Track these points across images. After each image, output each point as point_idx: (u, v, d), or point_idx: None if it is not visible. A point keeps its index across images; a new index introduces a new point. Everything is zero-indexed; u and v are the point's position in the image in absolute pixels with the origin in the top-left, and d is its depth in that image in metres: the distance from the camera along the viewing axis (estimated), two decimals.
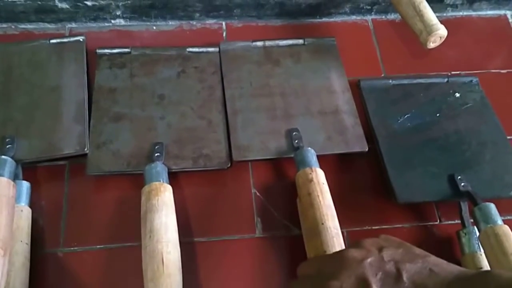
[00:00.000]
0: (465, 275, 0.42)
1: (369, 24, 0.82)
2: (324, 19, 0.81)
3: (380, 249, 0.44)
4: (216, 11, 0.78)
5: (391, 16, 0.82)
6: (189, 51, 0.74)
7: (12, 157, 0.59)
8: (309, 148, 0.63)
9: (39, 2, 0.72)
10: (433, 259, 0.43)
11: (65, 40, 0.72)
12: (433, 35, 0.66)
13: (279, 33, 0.79)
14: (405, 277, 0.42)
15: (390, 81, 0.74)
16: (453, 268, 0.43)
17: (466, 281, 0.41)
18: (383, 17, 0.82)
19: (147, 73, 0.71)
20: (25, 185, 0.60)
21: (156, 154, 0.62)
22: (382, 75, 0.76)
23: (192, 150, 0.65)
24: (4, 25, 0.75)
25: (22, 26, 0.75)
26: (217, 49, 0.75)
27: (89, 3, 0.73)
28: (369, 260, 0.43)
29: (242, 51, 0.75)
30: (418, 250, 0.45)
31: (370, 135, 0.68)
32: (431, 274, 0.42)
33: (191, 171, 0.64)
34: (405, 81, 0.74)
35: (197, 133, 0.66)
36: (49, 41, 0.72)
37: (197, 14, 0.78)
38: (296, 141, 0.65)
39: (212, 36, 0.78)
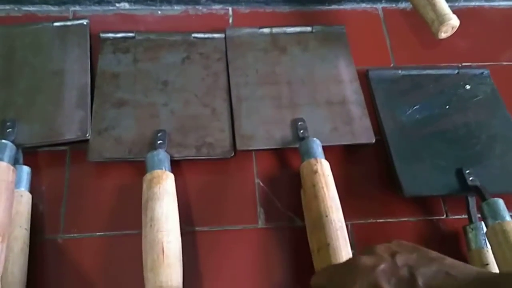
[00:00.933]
0: (485, 276, 0.40)
1: (379, 12, 0.80)
2: (333, 7, 0.79)
3: (393, 255, 0.43)
4: None
5: (402, 5, 0.80)
6: (194, 37, 0.72)
7: (12, 142, 0.58)
8: (315, 138, 0.62)
9: None
10: (449, 261, 0.42)
11: (68, 23, 0.71)
12: (445, 25, 0.65)
13: (286, 20, 0.77)
14: (420, 281, 0.40)
15: (399, 72, 0.72)
16: (471, 270, 0.41)
17: (486, 283, 0.39)
18: (394, 5, 0.80)
19: (151, 59, 0.70)
20: (26, 170, 0.59)
21: (158, 142, 0.61)
22: (392, 65, 0.74)
23: (195, 138, 0.64)
24: (7, 7, 0.74)
25: (25, 8, 0.74)
26: (223, 35, 0.73)
27: None
28: (381, 266, 0.41)
29: (248, 37, 0.73)
30: (433, 254, 0.43)
31: (377, 126, 0.67)
32: (448, 277, 0.40)
33: (194, 160, 0.63)
34: (415, 72, 0.72)
35: (200, 121, 0.65)
36: (52, 24, 0.70)
37: None
38: (302, 131, 0.63)
39: (218, 21, 0.76)
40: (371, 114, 0.68)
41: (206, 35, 0.73)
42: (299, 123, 0.65)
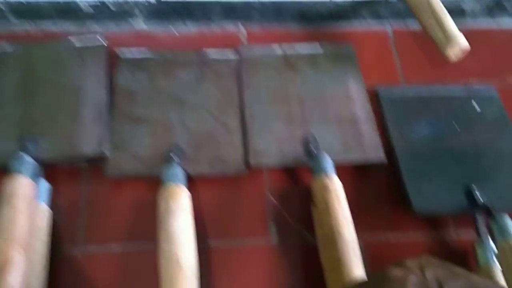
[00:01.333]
0: None
1: (389, 32, 0.81)
2: (344, 26, 0.81)
3: (422, 268, 0.43)
4: (235, 15, 0.78)
5: (411, 25, 0.82)
6: (208, 55, 0.74)
7: (33, 157, 0.60)
8: (326, 155, 0.63)
9: (63, 4, 0.73)
10: (476, 278, 0.43)
11: (87, 41, 0.73)
12: (453, 47, 0.66)
13: (298, 39, 0.79)
14: None
15: (409, 90, 0.74)
16: (498, 287, 0.42)
17: None
18: (403, 25, 0.82)
19: (166, 77, 0.72)
20: (45, 184, 0.61)
21: (173, 158, 0.63)
22: (401, 84, 0.76)
23: (209, 154, 0.65)
24: (28, 25, 0.76)
25: (44, 26, 0.76)
26: (236, 54, 0.75)
27: (112, 7, 0.74)
28: (412, 279, 0.42)
29: (260, 56, 0.75)
30: (460, 270, 0.44)
31: (387, 144, 0.68)
32: None
33: (208, 175, 0.65)
34: (424, 91, 0.74)
35: (214, 138, 0.67)
36: (71, 42, 0.73)
37: (217, 18, 0.78)
38: (313, 148, 0.65)
39: (231, 40, 0.78)
40: (381, 132, 0.69)
41: (220, 54, 0.75)
42: (310, 140, 0.66)
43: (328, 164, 0.62)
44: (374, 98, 0.73)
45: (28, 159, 0.59)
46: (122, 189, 0.64)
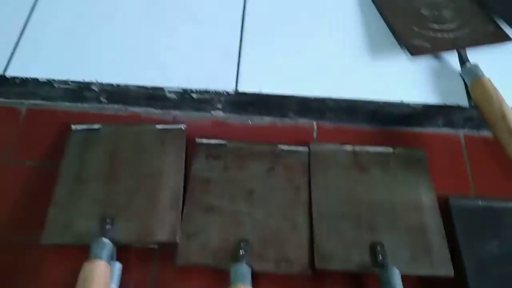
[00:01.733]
0: None
1: (461, 138, 0.81)
2: (415, 129, 0.82)
3: None
4: (309, 111, 0.81)
5: (484, 133, 0.81)
6: (280, 149, 0.77)
7: (110, 239, 0.63)
8: (395, 268, 0.62)
9: (150, 89, 0.79)
10: None
11: (168, 127, 0.77)
12: None
13: (369, 138, 0.80)
14: None
15: (481, 203, 0.72)
16: None
17: None
18: (476, 132, 0.82)
19: (239, 167, 0.74)
20: (118, 266, 0.64)
21: (242, 253, 0.64)
22: (472, 193, 0.75)
23: (275, 251, 0.66)
24: (116, 106, 0.82)
25: (131, 109, 0.82)
26: (307, 149, 0.77)
27: (194, 96, 0.78)
28: None
29: (331, 153, 0.77)
30: None
31: (455, 257, 0.67)
32: None
33: (272, 273, 0.65)
34: (496, 204, 0.72)
35: (281, 234, 0.68)
36: (154, 126, 0.77)
37: (291, 113, 0.81)
38: (381, 258, 0.65)
39: (303, 135, 0.80)
40: (449, 243, 0.67)
41: (291, 148, 0.77)
42: (379, 248, 0.66)
43: (397, 280, 0.61)
44: (444, 207, 0.72)
45: (107, 242, 0.62)
46: (189, 277, 0.65)
